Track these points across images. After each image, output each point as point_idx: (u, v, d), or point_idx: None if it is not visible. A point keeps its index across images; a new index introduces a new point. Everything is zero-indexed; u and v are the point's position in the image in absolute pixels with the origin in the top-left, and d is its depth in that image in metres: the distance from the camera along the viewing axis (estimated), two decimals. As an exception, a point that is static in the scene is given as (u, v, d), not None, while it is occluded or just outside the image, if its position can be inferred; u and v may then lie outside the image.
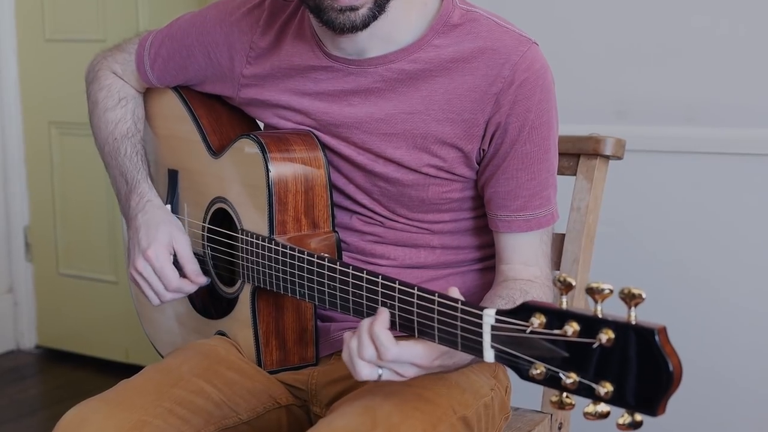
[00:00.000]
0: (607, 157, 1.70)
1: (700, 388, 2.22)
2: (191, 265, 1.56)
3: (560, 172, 1.69)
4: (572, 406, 1.00)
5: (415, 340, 1.23)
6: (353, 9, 1.36)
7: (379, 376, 1.23)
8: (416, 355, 1.22)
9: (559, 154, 1.67)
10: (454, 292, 1.21)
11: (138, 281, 1.55)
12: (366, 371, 1.23)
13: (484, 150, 1.45)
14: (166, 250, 1.54)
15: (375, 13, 1.38)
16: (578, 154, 1.70)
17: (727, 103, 2.18)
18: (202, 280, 1.56)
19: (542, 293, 1.43)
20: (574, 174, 1.71)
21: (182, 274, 1.55)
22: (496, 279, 1.49)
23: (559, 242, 1.69)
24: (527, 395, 1.65)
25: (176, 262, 1.55)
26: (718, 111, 2.19)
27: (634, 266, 2.28)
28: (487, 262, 1.55)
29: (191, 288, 1.56)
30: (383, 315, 1.23)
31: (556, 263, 1.69)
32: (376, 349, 1.21)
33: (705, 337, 2.23)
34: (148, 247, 1.53)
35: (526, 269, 1.46)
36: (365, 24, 1.38)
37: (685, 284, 2.25)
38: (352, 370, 1.24)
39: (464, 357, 1.29)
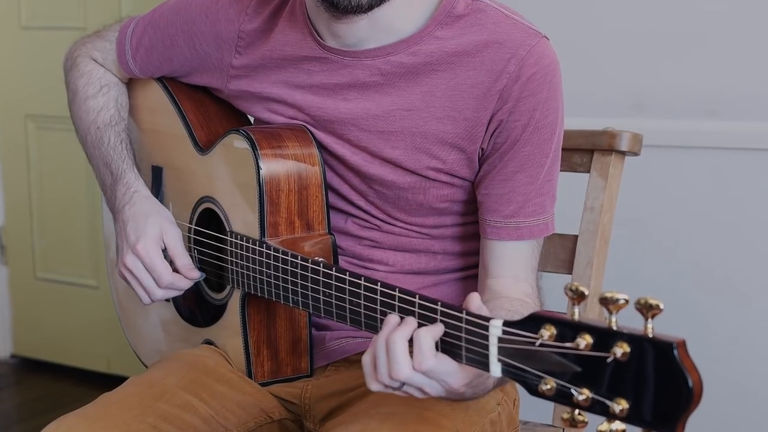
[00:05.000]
0: (623, 153, 1.70)
1: (723, 400, 2.22)
2: (183, 259, 1.55)
3: (573, 169, 1.69)
4: (585, 423, 1.00)
5: (446, 357, 1.18)
6: None
7: (397, 387, 1.19)
8: (449, 372, 1.17)
9: (572, 149, 1.67)
10: (475, 299, 1.18)
11: (127, 278, 1.55)
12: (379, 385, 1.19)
13: (483, 148, 1.44)
14: (156, 244, 1.53)
15: None
16: (592, 149, 1.70)
17: (749, 95, 2.18)
18: (195, 274, 1.55)
19: None
20: (588, 171, 1.70)
21: (174, 268, 1.55)
22: (482, 297, 1.44)
23: (571, 244, 1.69)
24: (537, 408, 1.64)
25: (167, 257, 1.55)
26: (740, 104, 2.19)
27: (652, 269, 2.28)
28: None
29: (185, 284, 1.55)
30: (438, 326, 1.17)
31: (568, 266, 1.69)
32: (413, 355, 1.15)
33: (728, 344, 2.23)
34: (137, 241, 1.53)
35: (517, 285, 1.43)
36: (370, 6, 1.37)
37: (706, 288, 2.25)
38: (368, 377, 1.19)
39: (485, 389, 1.25)
